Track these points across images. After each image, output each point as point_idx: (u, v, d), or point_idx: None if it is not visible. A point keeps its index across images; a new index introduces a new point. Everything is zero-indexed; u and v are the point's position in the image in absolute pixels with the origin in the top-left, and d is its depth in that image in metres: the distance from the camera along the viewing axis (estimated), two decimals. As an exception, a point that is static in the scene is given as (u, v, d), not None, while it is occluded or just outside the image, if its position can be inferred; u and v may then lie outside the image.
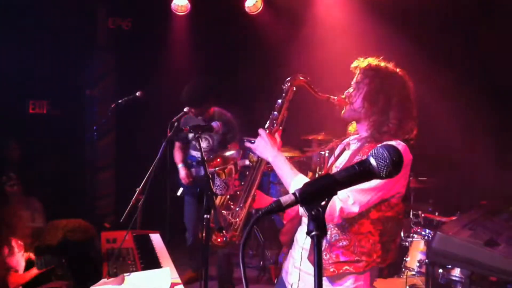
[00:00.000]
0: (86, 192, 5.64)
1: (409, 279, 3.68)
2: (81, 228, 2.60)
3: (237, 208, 1.97)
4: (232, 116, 4.11)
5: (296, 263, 1.92)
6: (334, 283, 1.81)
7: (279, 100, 1.92)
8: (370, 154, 1.10)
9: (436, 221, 3.96)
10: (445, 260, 2.73)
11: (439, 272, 3.22)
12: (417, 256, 3.73)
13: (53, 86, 5.45)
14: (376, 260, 1.79)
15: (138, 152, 5.39)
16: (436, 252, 2.54)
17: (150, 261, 2.54)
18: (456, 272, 3.17)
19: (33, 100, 5.65)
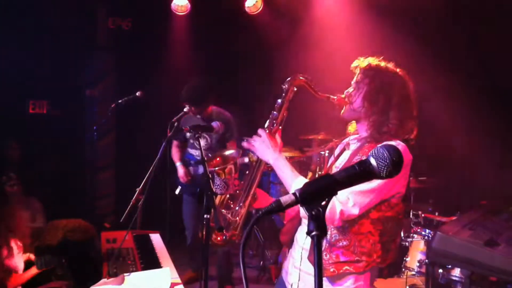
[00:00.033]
0: (86, 192, 5.65)
1: (409, 279, 3.68)
2: (81, 228, 2.61)
3: (236, 207, 1.97)
4: (231, 115, 4.14)
5: (296, 263, 1.92)
6: (334, 283, 1.81)
7: (279, 100, 1.92)
8: (370, 154, 1.10)
9: (436, 221, 3.96)
10: (445, 260, 2.73)
11: (439, 272, 3.23)
12: (417, 256, 3.74)
13: (53, 86, 5.46)
14: (376, 260, 1.79)
15: (138, 152, 5.39)
16: (436, 252, 2.54)
17: (150, 261, 2.54)
18: (456, 272, 3.17)
19: (33, 100, 5.66)
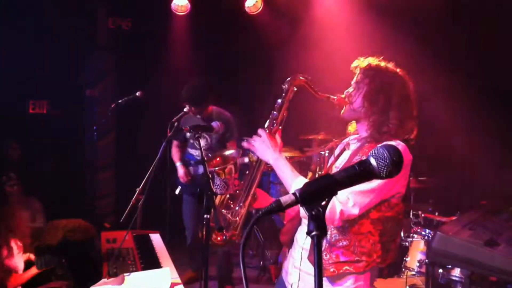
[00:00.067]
0: (86, 192, 5.65)
1: (409, 279, 3.68)
2: (81, 228, 2.61)
3: (236, 207, 1.97)
4: (231, 114, 4.15)
5: (296, 263, 1.92)
6: (334, 283, 1.81)
7: (279, 99, 1.91)
8: (370, 154, 1.10)
9: (436, 221, 3.96)
10: (445, 260, 2.73)
11: (439, 272, 3.23)
12: (417, 256, 3.73)
13: (53, 86, 5.46)
14: (376, 260, 1.79)
15: (138, 152, 5.39)
16: (436, 252, 2.54)
17: (150, 261, 2.54)
18: (456, 272, 3.17)
19: (33, 100, 5.66)
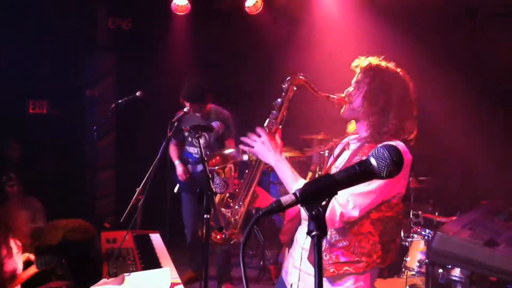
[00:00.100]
0: (86, 192, 5.64)
1: (409, 279, 3.68)
2: (81, 228, 2.61)
3: (236, 206, 1.97)
4: (229, 112, 4.19)
5: (296, 263, 1.92)
6: (334, 283, 1.80)
7: (279, 99, 1.91)
8: (370, 154, 1.10)
9: (436, 221, 3.96)
10: (445, 260, 2.73)
11: (439, 272, 3.22)
12: (417, 256, 3.73)
13: (53, 86, 5.45)
14: (376, 261, 1.79)
15: (138, 152, 5.39)
16: (436, 252, 2.54)
17: (150, 261, 2.55)
18: (456, 272, 3.17)
19: (33, 100, 5.66)
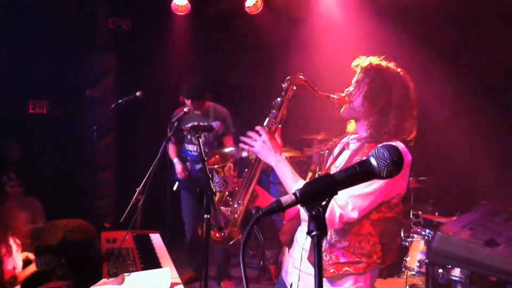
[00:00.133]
0: (86, 192, 5.65)
1: (409, 279, 3.68)
2: (81, 228, 2.61)
3: (235, 204, 1.96)
4: (227, 110, 4.23)
5: (296, 263, 1.92)
6: (334, 283, 1.80)
7: (279, 98, 1.91)
8: (370, 154, 1.10)
9: (436, 221, 3.96)
10: (445, 260, 2.72)
11: (439, 272, 3.22)
12: (417, 256, 3.73)
13: (53, 86, 5.46)
14: (376, 261, 1.78)
15: (138, 152, 5.40)
16: (436, 252, 2.54)
17: (150, 261, 2.55)
18: (456, 272, 3.17)
19: (33, 100, 5.66)
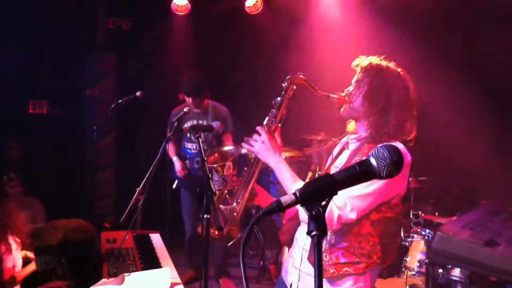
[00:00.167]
0: (86, 192, 5.65)
1: (409, 279, 3.68)
2: (81, 228, 2.61)
3: (234, 203, 1.96)
4: (226, 108, 4.25)
5: (296, 263, 1.92)
6: (334, 284, 1.80)
7: (279, 98, 1.90)
8: (370, 154, 1.10)
9: (436, 221, 3.96)
10: (445, 260, 2.72)
11: (439, 272, 3.22)
12: (417, 256, 3.73)
13: (53, 86, 5.46)
14: (376, 262, 1.78)
15: (138, 152, 5.40)
16: (436, 252, 2.54)
17: (150, 261, 2.55)
18: (456, 272, 3.17)
19: (33, 100, 5.66)
